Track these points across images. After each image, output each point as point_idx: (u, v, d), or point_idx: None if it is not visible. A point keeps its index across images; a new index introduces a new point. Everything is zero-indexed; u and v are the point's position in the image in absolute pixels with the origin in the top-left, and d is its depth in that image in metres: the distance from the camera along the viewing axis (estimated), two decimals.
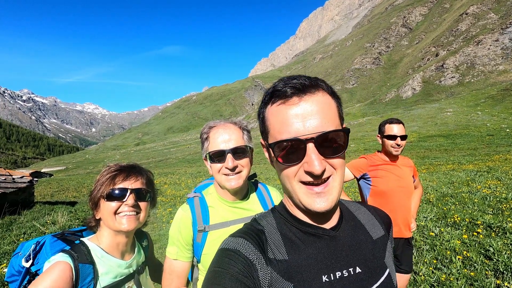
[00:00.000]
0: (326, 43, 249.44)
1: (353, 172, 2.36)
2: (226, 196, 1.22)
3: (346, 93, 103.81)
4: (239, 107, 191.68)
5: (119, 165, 1.13)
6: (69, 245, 1.00)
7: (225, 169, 1.14)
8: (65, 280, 0.87)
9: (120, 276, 1.06)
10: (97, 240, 1.07)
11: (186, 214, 1.19)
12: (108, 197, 1.04)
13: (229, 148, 1.13)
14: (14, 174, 10.06)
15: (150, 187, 1.16)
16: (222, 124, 1.19)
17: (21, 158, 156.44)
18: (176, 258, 1.18)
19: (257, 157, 30.97)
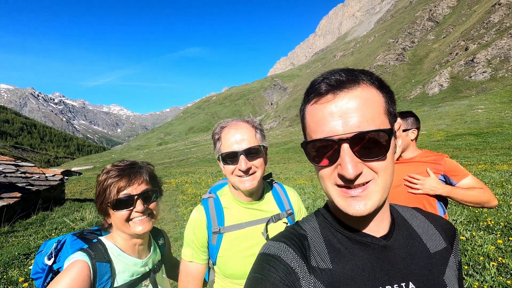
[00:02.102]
0: (347, 40, 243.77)
1: None
2: (241, 197, 1.19)
3: None
4: (258, 107, 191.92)
5: (118, 168, 1.06)
6: (88, 244, 1.02)
7: (239, 170, 1.10)
8: (83, 278, 0.89)
9: (137, 274, 1.07)
10: (113, 239, 1.09)
11: (200, 216, 1.17)
12: (116, 207, 1.02)
13: (242, 149, 1.09)
14: (47, 172, 10.68)
15: (154, 184, 1.13)
16: (234, 124, 1.14)
17: (53, 157, 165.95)
18: (191, 260, 1.17)
19: (276, 156, 30.89)
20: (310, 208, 6.20)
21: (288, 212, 1.23)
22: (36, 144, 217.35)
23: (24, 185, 8.26)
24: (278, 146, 42.63)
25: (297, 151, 33.71)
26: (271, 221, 1.17)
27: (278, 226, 1.18)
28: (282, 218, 1.21)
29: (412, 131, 1.93)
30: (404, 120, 1.97)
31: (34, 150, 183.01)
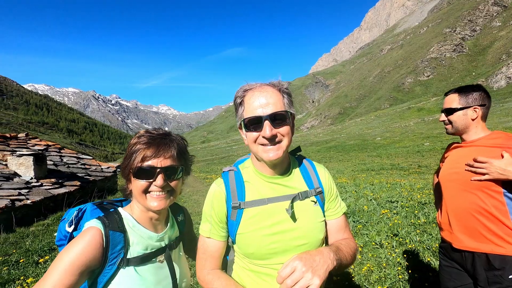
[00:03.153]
0: (396, 32, 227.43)
1: (440, 164, 1.90)
2: (263, 170, 1.07)
3: (419, 86, 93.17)
4: (299, 105, 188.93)
5: (149, 136, 1.01)
6: (104, 213, 1.02)
7: (262, 138, 0.97)
8: (94, 245, 0.89)
9: (151, 248, 1.03)
10: (131, 210, 1.05)
11: (219, 189, 1.08)
12: (137, 175, 0.97)
13: (267, 114, 0.96)
14: (103, 165, 11.70)
15: (182, 160, 1.05)
16: (259, 86, 1.01)
17: (110, 153, 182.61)
18: (209, 236, 1.08)
19: (317, 155, 30.09)
20: (351, 207, 5.83)
21: (317, 190, 1.10)
22: (96, 141, 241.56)
23: (83, 175, 9.13)
24: (319, 144, 41.43)
25: (339, 150, 32.38)
26: (297, 198, 1.05)
27: (305, 204, 1.07)
28: (310, 196, 1.09)
29: (473, 109, 1.61)
30: (462, 96, 1.65)
31: (95, 146, 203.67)
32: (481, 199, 1.50)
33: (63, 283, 0.81)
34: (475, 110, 1.61)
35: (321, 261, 0.82)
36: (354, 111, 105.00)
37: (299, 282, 0.75)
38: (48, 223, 5.54)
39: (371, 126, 56.12)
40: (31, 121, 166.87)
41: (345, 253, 0.98)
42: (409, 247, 3.66)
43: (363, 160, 22.02)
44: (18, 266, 3.56)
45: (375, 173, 15.11)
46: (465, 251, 1.57)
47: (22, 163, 7.12)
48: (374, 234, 4.23)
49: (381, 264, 3.25)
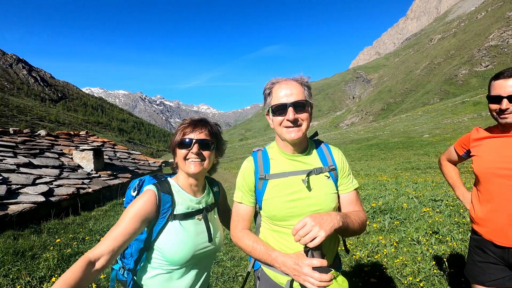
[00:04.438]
0: (448, 19, 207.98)
1: (456, 149, 1.78)
2: (286, 149, 1.31)
3: (476, 77, 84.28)
4: (338, 101, 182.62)
5: (190, 119, 1.35)
6: (157, 180, 1.31)
7: (286, 121, 1.21)
8: (151, 202, 1.19)
9: (191, 208, 1.31)
10: (177, 179, 1.35)
11: (249, 164, 1.34)
12: (179, 145, 1.28)
13: (291, 101, 1.20)
14: (150, 160, 12.71)
15: (213, 138, 1.33)
16: (285, 80, 1.26)
17: (155, 150, 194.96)
18: (241, 202, 1.34)
19: (357, 153, 28.98)
20: (390, 204, 5.67)
21: (330, 167, 1.31)
22: (143, 139, 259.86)
23: (133, 169, 10.05)
24: (360, 142, 39.79)
25: (381, 148, 30.78)
26: (313, 173, 1.27)
27: (319, 178, 1.28)
28: (324, 172, 1.29)
29: None
30: (506, 79, 1.46)
31: (142, 144, 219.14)
32: None
33: (129, 227, 1.11)
34: None
35: (328, 220, 1.00)
36: (399, 107, 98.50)
37: (309, 234, 0.94)
38: (106, 209, 6.30)
39: (418, 122, 52.29)
40: (88, 121, 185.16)
41: (352, 219, 1.15)
42: (449, 244, 3.52)
43: (408, 159, 20.74)
44: (85, 242, 4.18)
45: (421, 172, 14.19)
46: None
47: (84, 156, 8.11)
48: (412, 231, 4.12)
49: (416, 259, 3.20)
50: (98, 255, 1.02)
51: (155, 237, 1.23)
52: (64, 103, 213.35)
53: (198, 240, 1.29)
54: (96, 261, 1.01)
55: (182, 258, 1.24)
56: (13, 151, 7.09)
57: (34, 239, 4.05)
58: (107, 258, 1.04)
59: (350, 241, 4.01)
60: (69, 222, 5.15)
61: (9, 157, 6.67)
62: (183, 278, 1.29)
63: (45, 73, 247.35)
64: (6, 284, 2.88)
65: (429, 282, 2.74)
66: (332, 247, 1.30)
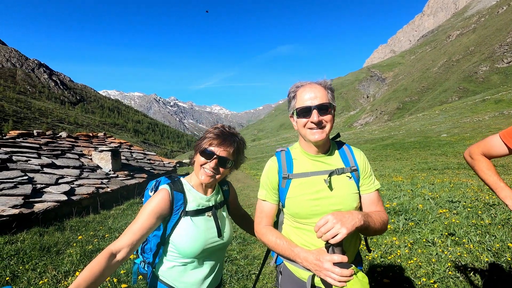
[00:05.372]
0: (467, 15, 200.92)
1: (507, 142, 1.46)
2: (309, 150, 1.35)
3: (497, 74, 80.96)
4: (352, 101, 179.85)
5: (221, 131, 1.40)
6: (171, 180, 1.42)
7: (311, 123, 1.25)
8: (165, 199, 1.30)
9: (202, 206, 1.42)
10: (189, 179, 1.46)
11: (273, 164, 1.40)
12: (201, 153, 1.36)
13: (315, 104, 1.24)
14: (164, 160, 13.00)
15: (234, 156, 1.41)
16: (309, 84, 1.32)
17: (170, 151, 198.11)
18: (265, 199, 1.40)
19: (372, 153, 28.48)
20: (405, 205, 5.60)
21: (352, 168, 1.35)
22: (157, 140, 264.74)
23: (149, 169, 10.32)
24: (375, 142, 38.94)
25: (397, 148, 30.05)
26: (334, 173, 1.31)
27: (341, 178, 1.33)
28: (346, 173, 1.33)
29: None
30: None
31: (156, 144, 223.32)
32: None
33: (146, 222, 1.23)
34: None
35: (349, 218, 1.03)
36: (415, 106, 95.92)
37: (331, 230, 0.98)
38: (123, 208, 6.52)
39: (435, 121, 50.76)
40: (105, 123, 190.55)
41: (374, 219, 1.19)
42: (465, 246, 3.46)
43: (424, 159, 20.15)
44: (104, 239, 4.37)
45: (438, 172, 13.80)
46: None
47: (103, 157, 8.41)
48: (427, 232, 4.06)
49: (431, 260, 3.17)
50: (119, 247, 1.15)
51: (169, 232, 1.34)
52: (83, 106, 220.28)
53: (208, 235, 1.39)
54: (117, 253, 1.14)
55: (194, 251, 1.34)
56: (37, 152, 7.45)
57: (58, 236, 4.28)
58: (127, 250, 1.16)
59: (363, 241, 4.00)
60: (89, 220, 5.38)
61: (34, 158, 7.02)
62: (197, 270, 1.40)
63: (64, 76, 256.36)
64: (34, 277, 3.07)
65: (444, 284, 2.71)
66: (353, 244, 1.35)
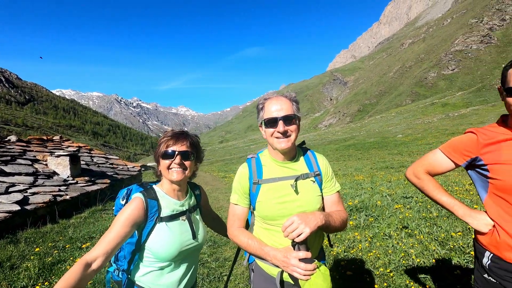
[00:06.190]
0: (418, 25, 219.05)
1: (451, 157, 1.44)
2: (276, 157, 1.47)
3: (443, 80, 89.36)
4: (317, 103, 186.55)
5: (172, 132, 1.49)
6: (144, 188, 1.47)
7: (277, 133, 1.37)
8: (139, 208, 1.35)
9: (176, 211, 1.48)
10: (161, 186, 1.51)
11: (244, 170, 1.49)
12: (163, 156, 1.43)
13: (281, 116, 1.36)
14: (128, 164, 12.45)
15: (194, 149, 1.49)
16: (275, 97, 1.44)
17: (133, 154, 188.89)
18: (237, 203, 1.50)
19: (335, 153, 29.84)
20: (365, 202, 6.02)
21: (315, 173, 1.49)
22: (119, 143, 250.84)
23: (111, 174, 9.83)
24: (338, 143, 40.88)
25: (358, 148, 31.85)
26: (300, 178, 1.44)
27: (305, 182, 1.46)
28: (310, 177, 1.47)
29: None
30: None
31: (118, 147, 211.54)
32: None
33: (121, 231, 1.27)
34: None
35: (312, 218, 1.18)
36: (374, 108, 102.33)
37: (296, 230, 1.12)
38: (85, 216, 6.16)
39: (392, 123, 54.59)
40: (59, 125, 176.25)
41: (334, 218, 1.35)
42: (417, 238, 3.85)
43: (383, 158, 21.65)
44: (65, 250, 4.12)
45: (395, 170, 14.92)
46: None
47: (60, 162, 7.85)
48: (385, 226, 4.43)
49: (388, 252, 3.48)
50: (94, 257, 1.18)
51: (145, 239, 1.39)
52: (33, 106, 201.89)
53: (183, 238, 1.46)
54: (92, 262, 1.16)
55: (170, 255, 1.40)
56: None
57: (11, 249, 3.95)
58: (102, 259, 1.19)
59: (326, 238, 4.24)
60: (47, 231, 5.01)
61: None
62: (174, 272, 1.46)
63: (10, 73, 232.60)
64: None
65: (398, 272, 3.01)
66: (317, 242, 1.48)
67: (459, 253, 3.24)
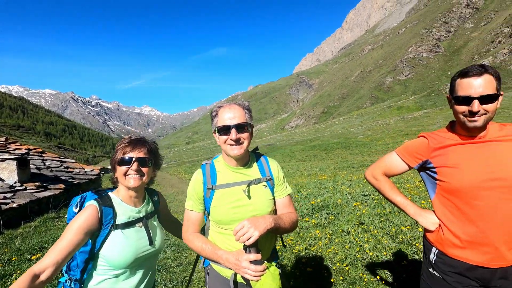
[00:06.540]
0: (376, 32, 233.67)
1: (405, 160, 1.55)
2: (230, 163, 1.52)
3: (399, 85, 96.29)
4: (284, 105, 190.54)
5: (129, 138, 1.49)
6: (98, 196, 1.44)
7: (230, 140, 1.41)
8: (92, 215, 1.33)
9: (132, 217, 1.47)
10: (117, 193, 1.50)
11: (199, 176, 1.53)
12: (119, 163, 1.43)
13: (233, 124, 1.41)
14: (86, 168, 11.69)
15: (151, 155, 1.50)
16: (228, 105, 1.48)
17: (92, 156, 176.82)
18: (191, 209, 1.53)
19: (301, 154, 30.69)
20: (327, 201, 6.31)
21: (267, 178, 1.55)
22: (76, 144, 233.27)
23: (66, 178, 9.17)
24: (304, 143, 42.11)
25: (323, 149, 33.15)
26: (252, 183, 1.50)
27: (258, 187, 1.52)
28: (262, 182, 1.53)
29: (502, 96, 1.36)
30: (497, 80, 1.31)
31: (75, 149, 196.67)
32: None
33: (73, 239, 1.25)
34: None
35: (262, 222, 1.26)
36: (337, 110, 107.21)
37: (246, 234, 1.19)
38: (35, 225, 5.68)
39: (354, 124, 57.56)
40: (5, 125, 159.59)
41: (284, 220, 1.43)
42: (372, 233, 4.14)
43: (345, 158, 22.78)
44: (12, 263, 3.77)
45: (355, 170, 15.78)
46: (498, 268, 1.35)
47: (5, 167, 7.16)
48: (343, 223, 4.70)
49: (345, 247, 3.71)
50: (43, 268, 1.14)
51: (99, 247, 1.37)
52: None
53: (140, 245, 1.45)
54: (41, 273, 1.13)
55: (125, 262, 1.39)
56: None
57: None
58: (52, 270, 1.15)
59: (291, 237, 4.40)
60: None
61: None
62: (129, 280, 1.45)
63: None
64: None
65: (354, 266, 3.23)
66: (268, 243, 1.54)
67: (407, 245, 3.55)
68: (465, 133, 1.40)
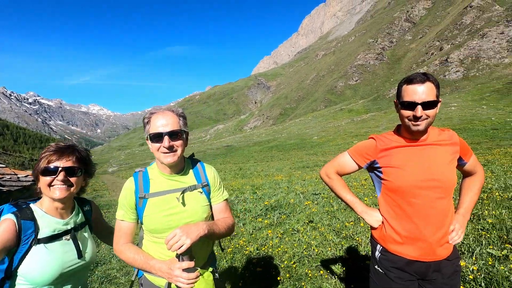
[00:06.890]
0: (329, 39, 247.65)
1: (356, 159, 1.64)
2: (164, 170, 1.48)
3: (349, 89, 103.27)
4: (242, 106, 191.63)
5: (57, 146, 1.39)
6: (17, 208, 1.32)
7: (163, 148, 1.38)
8: (8, 231, 1.22)
9: (58, 230, 1.38)
10: (40, 204, 1.39)
11: (130, 185, 1.47)
12: (43, 173, 1.32)
13: (166, 131, 1.37)
14: (19, 173, 10.41)
15: (81, 164, 1.41)
16: (161, 112, 1.44)
17: (28, 160, 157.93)
18: (123, 219, 1.47)
19: (259, 155, 31.10)
20: (280, 201, 6.50)
21: (203, 184, 1.54)
22: (9, 146, 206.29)
23: None
24: (262, 144, 42.91)
25: (280, 149, 34.15)
26: (187, 190, 1.48)
27: (193, 194, 1.50)
28: (198, 188, 1.52)
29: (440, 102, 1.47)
30: (437, 87, 1.44)
31: (7, 152, 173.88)
32: (450, 203, 1.50)
33: None
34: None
35: (194, 229, 1.25)
36: (294, 112, 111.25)
37: (177, 242, 1.18)
38: None
39: (309, 126, 60.24)
40: None
41: (219, 225, 1.44)
42: (319, 230, 4.37)
43: (301, 158, 23.75)
44: None
45: (310, 169, 16.54)
46: (432, 261, 1.48)
47: None
48: (294, 222, 4.88)
49: (294, 245, 3.86)
50: None
51: (17, 264, 1.26)
52: None
53: (66, 259, 1.37)
54: None
55: (48, 279, 1.30)
56: None
57: None
58: None
59: (244, 238, 4.44)
60: None
61: None
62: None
63: None
64: None
65: (301, 263, 3.38)
66: (204, 249, 1.53)
67: (350, 240, 3.82)
68: (409, 136, 1.51)
